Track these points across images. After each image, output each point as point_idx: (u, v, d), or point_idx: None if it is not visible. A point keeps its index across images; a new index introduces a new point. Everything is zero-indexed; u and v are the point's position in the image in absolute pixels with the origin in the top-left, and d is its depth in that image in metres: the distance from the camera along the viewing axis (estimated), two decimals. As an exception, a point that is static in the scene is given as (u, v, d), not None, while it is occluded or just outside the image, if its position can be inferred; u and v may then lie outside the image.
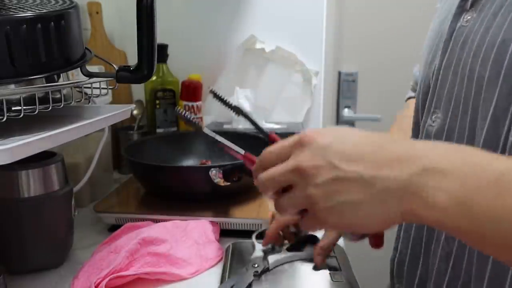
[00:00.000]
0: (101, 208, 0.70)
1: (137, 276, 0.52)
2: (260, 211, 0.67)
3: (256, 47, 1.04)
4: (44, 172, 0.54)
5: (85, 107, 0.63)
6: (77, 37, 0.52)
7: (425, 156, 0.31)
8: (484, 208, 0.28)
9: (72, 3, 0.52)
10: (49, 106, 0.49)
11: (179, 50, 1.06)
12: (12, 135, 0.46)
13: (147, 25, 0.50)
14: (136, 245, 0.55)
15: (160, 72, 1.02)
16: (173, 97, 1.03)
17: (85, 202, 0.80)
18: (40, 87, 0.49)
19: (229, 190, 0.71)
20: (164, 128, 1.03)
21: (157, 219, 0.66)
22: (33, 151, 0.43)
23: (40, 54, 0.46)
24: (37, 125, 0.51)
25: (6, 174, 0.53)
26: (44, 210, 0.55)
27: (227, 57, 1.09)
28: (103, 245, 0.60)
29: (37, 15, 0.46)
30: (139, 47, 0.51)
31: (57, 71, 0.50)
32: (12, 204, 0.53)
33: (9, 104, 0.46)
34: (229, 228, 0.67)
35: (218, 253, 0.60)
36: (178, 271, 0.54)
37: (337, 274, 0.52)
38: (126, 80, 0.54)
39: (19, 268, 0.56)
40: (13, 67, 0.45)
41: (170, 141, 0.91)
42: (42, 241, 0.56)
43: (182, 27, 1.11)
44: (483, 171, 0.29)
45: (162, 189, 0.74)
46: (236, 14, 1.09)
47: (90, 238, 0.67)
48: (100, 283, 0.49)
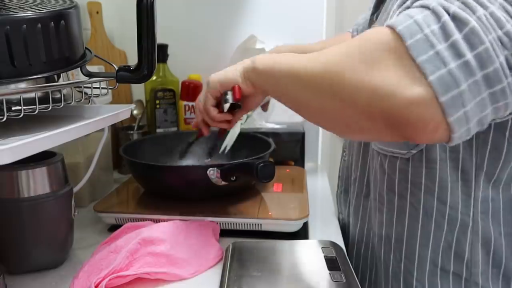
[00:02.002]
0: (100, 208, 0.70)
1: (137, 276, 0.52)
2: (260, 211, 0.67)
3: (256, 47, 1.04)
4: (44, 172, 0.54)
5: (85, 107, 0.63)
6: (77, 37, 0.52)
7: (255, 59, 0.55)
8: (275, 72, 0.49)
9: (72, 3, 0.52)
10: (49, 106, 0.49)
11: (179, 50, 1.06)
12: (12, 135, 0.46)
13: (147, 25, 0.50)
14: (136, 245, 0.55)
15: (160, 72, 1.02)
16: (173, 97, 1.03)
17: (85, 202, 0.80)
18: (40, 87, 0.49)
19: (228, 190, 0.71)
20: (164, 128, 1.03)
21: (157, 219, 0.66)
22: (33, 151, 0.43)
23: (40, 54, 0.46)
24: (37, 125, 0.51)
25: (6, 174, 0.53)
26: (44, 210, 0.55)
27: (227, 57, 1.09)
28: (103, 245, 0.60)
29: (37, 15, 0.46)
30: (139, 47, 0.51)
31: (57, 71, 0.50)
32: (12, 204, 0.53)
33: (9, 104, 0.46)
34: (229, 228, 0.67)
35: (218, 253, 0.60)
36: (178, 271, 0.54)
37: (337, 274, 0.52)
38: (126, 80, 0.54)
39: (19, 268, 0.56)
40: (13, 67, 0.45)
41: (168, 141, 0.91)
42: (42, 241, 0.56)
43: (182, 27, 1.11)
44: (281, 61, 0.48)
45: (159, 188, 0.75)
46: (236, 14, 1.09)
47: (90, 238, 0.67)
48: (100, 283, 0.49)
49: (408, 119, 0.34)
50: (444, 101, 0.33)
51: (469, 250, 0.53)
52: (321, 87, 0.40)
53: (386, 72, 0.34)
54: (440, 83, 0.32)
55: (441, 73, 0.32)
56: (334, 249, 0.58)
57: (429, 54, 0.33)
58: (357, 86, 0.36)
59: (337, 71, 0.38)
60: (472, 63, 0.32)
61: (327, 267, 0.53)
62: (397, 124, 0.35)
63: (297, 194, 0.77)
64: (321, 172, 1.04)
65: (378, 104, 0.35)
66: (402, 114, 0.34)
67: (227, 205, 0.70)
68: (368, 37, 0.38)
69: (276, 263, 0.55)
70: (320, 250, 0.58)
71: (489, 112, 0.34)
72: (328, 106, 0.41)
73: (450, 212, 0.53)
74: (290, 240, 0.61)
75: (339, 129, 0.44)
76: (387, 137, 0.38)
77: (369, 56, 0.36)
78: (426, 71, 0.33)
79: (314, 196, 0.86)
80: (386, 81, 0.34)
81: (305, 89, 0.43)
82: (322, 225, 0.72)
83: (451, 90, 0.32)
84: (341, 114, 0.40)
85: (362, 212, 0.68)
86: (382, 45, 0.35)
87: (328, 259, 0.55)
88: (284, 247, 0.59)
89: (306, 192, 0.77)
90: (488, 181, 0.51)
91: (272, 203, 0.72)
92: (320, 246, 0.59)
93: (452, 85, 0.32)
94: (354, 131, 0.42)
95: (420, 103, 0.33)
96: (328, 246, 0.59)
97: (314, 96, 0.42)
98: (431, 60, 0.33)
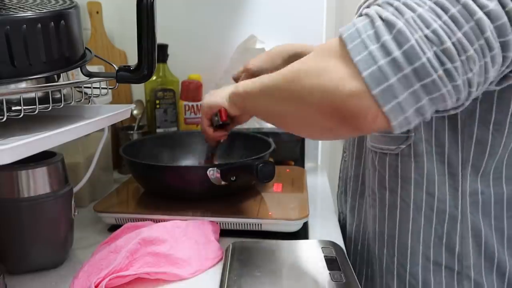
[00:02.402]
0: (100, 208, 0.70)
1: (137, 276, 0.52)
2: (260, 211, 0.67)
3: (256, 47, 1.04)
4: (44, 172, 0.54)
5: (85, 107, 0.63)
6: (77, 37, 0.52)
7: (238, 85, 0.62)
8: (251, 94, 0.56)
9: (72, 3, 0.52)
10: (49, 106, 0.49)
11: (179, 50, 1.06)
12: (12, 135, 0.46)
13: (147, 25, 0.50)
14: (136, 245, 0.55)
15: (160, 72, 1.02)
16: (173, 97, 1.03)
17: (85, 202, 0.80)
18: (40, 87, 0.49)
19: (228, 190, 0.71)
20: (164, 128, 1.03)
21: (157, 219, 0.66)
22: (33, 151, 0.43)
23: (40, 54, 0.46)
24: (37, 125, 0.51)
25: (6, 174, 0.53)
26: (44, 210, 0.55)
27: (227, 57, 1.09)
28: (103, 245, 0.60)
29: (37, 15, 0.46)
30: (139, 47, 0.51)
31: (57, 71, 0.50)
32: (12, 204, 0.53)
33: (9, 104, 0.46)
34: (229, 228, 0.67)
35: (218, 253, 0.60)
36: (178, 271, 0.54)
37: (337, 274, 0.52)
38: (126, 80, 0.54)
39: (19, 268, 0.56)
40: (13, 67, 0.45)
41: (168, 141, 0.91)
42: (42, 241, 0.56)
43: (182, 27, 1.11)
44: (256, 81, 0.55)
45: (159, 188, 0.75)
46: (236, 14, 1.09)
47: (90, 238, 0.67)
48: (100, 283, 0.49)
49: (351, 111, 0.39)
50: (375, 93, 0.37)
51: (459, 243, 0.54)
52: (280, 94, 0.47)
53: (332, 73, 0.40)
54: (371, 78, 0.37)
55: (372, 69, 0.37)
56: (334, 249, 0.58)
57: (363, 54, 0.38)
58: (311, 87, 0.42)
59: (293, 77, 0.44)
60: (400, 59, 0.36)
61: (327, 267, 0.53)
62: (345, 117, 0.40)
63: (297, 194, 0.77)
64: (321, 172, 1.04)
65: (328, 100, 0.40)
66: (345, 106, 0.39)
67: (227, 205, 0.70)
68: (322, 46, 0.44)
69: (276, 263, 0.55)
70: (320, 250, 0.58)
71: (426, 102, 0.38)
72: (293, 112, 0.46)
73: (438, 205, 0.54)
74: (290, 240, 0.61)
75: (308, 133, 0.50)
76: (343, 131, 0.43)
77: (320, 61, 0.42)
78: (360, 68, 0.38)
79: (314, 196, 0.86)
80: (332, 80, 0.40)
81: (270, 100, 0.51)
82: (322, 225, 0.72)
83: (381, 84, 0.37)
84: (303, 116, 0.45)
85: (358, 210, 0.69)
86: (331, 51, 0.41)
87: (328, 259, 0.55)
88: (284, 247, 0.59)
89: (306, 192, 0.77)
90: (476, 175, 0.52)
91: (272, 203, 0.72)
92: (320, 246, 0.59)
93: (382, 79, 0.37)
94: (320, 132, 0.47)
95: (357, 95, 0.38)
96: (328, 246, 0.59)
97: (277, 105, 0.49)
98: (365, 59, 0.38)
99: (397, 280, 0.59)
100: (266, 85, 0.51)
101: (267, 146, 0.79)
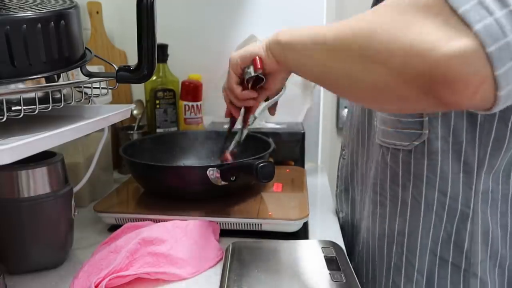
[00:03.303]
0: (100, 208, 0.70)
1: (137, 276, 0.52)
2: (260, 211, 0.67)
3: (256, 47, 1.04)
4: (44, 172, 0.54)
5: (85, 107, 0.63)
6: (77, 37, 0.52)
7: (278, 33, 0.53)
8: (298, 45, 0.48)
9: (72, 3, 0.52)
10: (49, 106, 0.49)
11: (179, 50, 1.06)
12: (12, 135, 0.46)
13: (147, 25, 0.50)
14: (136, 245, 0.55)
15: (160, 72, 1.02)
16: (173, 97, 1.03)
17: (85, 202, 0.80)
18: (40, 87, 0.49)
19: (228, 190, 0.71)
20: (164, 128, 1.03)
21: (157, 219, 0.66)
22: (33, 151, 0.43)
23: (40, 54, 0.46)
24: (37, 125, 0.51)
25: (6, 174, 0.53)
26: (44, 210, 0.55)
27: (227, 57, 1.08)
28: (103, 245, 0.60)
29: (37, 15, 0.46)
30: (139, 47, 0.51)
31: (57, 71, 0.50)
32: (12, 204, 0.53)
33: (9, 104, 0.46)
34: (229, 228, 0.67)
35: (218, 253, 0.60)
36: (178, 271, 0.54)
37: (337, 274, 0.52)
38: (126, 80, 0.54)
39: (19, 268, 0.56)
40: (13, 67, 0.45)
41: (168, 141, 0.91)
42: (42, 241, 0.56)
43: (182, 27, 1.11)
44: (304, 30, 0.47)
45: (159, 188, 0.75)
46: (236, 14, 1.09)
47: (90, 238, 0.67)
48: (100, 283, 0.49)
49: (447, 77, 0.31)
50: (491, 51, 0.30)
51: (469, 241, 0.54)
52: (349, 51, 0.38)
53: (423, 28, 0.32)
54: (487, 32, 0.30)
55: (487, 22, 0.30)
56: (334, 249, 0.58)
57: (471, 4, 0.31)
58: (390, 45, 0.34)
59: (367, 32, 0.36)
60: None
61: (327, 267, 0.53)
62: (434, 86, 0.33)
63: (297, 194, 0.77)
64: (321, 172, 1.04)
65: (415, 63, 0.33)
66: (441, 71, 0.31)
67: (227, 205, 0.70)
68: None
69: (276, 263, 0.55)
70: (320, 250, 0.58)
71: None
72: (358, 73, 0.38)
73: (450, 203, 0.54)
74: (290, 240, 0.61)
75: (369, 99, 0.41)
76: (422, 104, 0.36)
77: (402, 14, 0.34)
78: (470, 20, 0.30)
79: (314, 196, 0.86)
80: (424, 37, 0.32)
81: (332, 56, 0.41)
82: (322, 225, 0.72)
83: (499, 40, 0.30)
84: (372, 80, 0.37)
85: (359, 208, 0.69)
86: (417, 1, 0.33)
87: (328, 259, 0.55)
88: (284, 247, 0.59)
89: (306, 192, 0.77)
90: (489, 172, 0.52)
91: (272, 203, 0.72)
92: (320, 246, 0.59)
93: (499, 34, 0.30)
94: (390, 101, 0.39)
95: (464, 55, 0.30)
96: (328, 246, 0.59)
97: (342, 63, 0.40)
98: (476, 9, 0.30)
99: (404, 278, 0.59)
100: (322, 37, 0.42)
101: (267, 146, 0.79)
